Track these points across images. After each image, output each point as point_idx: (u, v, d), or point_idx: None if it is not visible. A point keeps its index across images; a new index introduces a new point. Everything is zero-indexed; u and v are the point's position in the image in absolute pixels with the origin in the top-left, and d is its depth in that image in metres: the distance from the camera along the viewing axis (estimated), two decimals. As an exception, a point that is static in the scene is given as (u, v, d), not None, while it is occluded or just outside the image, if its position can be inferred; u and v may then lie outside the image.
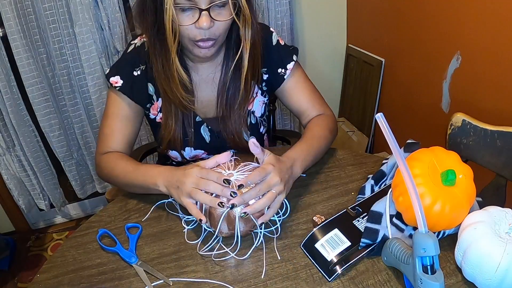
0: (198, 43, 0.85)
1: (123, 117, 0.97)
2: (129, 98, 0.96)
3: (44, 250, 1.97)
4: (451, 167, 0.66)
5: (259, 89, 1.03)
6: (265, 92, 1.06)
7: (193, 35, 0.83)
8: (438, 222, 0.66)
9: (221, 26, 0.84)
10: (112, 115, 0.97)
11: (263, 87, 1.04)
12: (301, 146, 0.89)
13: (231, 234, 0.75)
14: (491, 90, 1.23)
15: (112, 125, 0.97)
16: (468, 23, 1.26)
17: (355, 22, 1.98)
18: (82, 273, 0.74)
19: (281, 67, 1.01)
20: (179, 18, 0.81)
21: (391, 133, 0.57)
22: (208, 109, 1.02)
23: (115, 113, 0.97)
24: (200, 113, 1.01)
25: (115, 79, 0.95)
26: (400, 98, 1.76)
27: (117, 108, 0.97)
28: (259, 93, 1.04)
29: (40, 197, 1.90)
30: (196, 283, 0.70)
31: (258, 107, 1.05)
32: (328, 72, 2.12)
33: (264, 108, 1.07)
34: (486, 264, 0.59)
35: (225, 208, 0.71)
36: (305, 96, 1.04)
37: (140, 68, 0.95)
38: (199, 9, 0.79)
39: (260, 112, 1.06)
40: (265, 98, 1.06)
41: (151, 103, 1.00)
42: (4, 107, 1.62)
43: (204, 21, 0.79)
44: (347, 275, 0.68)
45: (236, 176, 0.76)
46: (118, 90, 0.95)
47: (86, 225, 0.86)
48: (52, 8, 1.54)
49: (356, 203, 0.80)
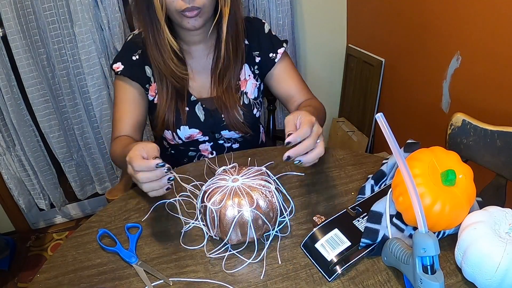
0: (185, 13, 0.90)
1: (130, 101, 1.04)
2: (131, 80, 1.03)
3: (44, 250, 1.97)
4: (451, 167, 0.66)
5: (251, 72, 1.09)
6: (257, 76, 1.11)
7: (179, 5, 0.89)
8: (438, 222, 0.66)
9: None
10: (120, 101, 1.05)
11: (255, 70, 1.10)
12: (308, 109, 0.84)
13: (241, 241, 0.74)
14: (491, 90, 1.23)
15: (121, 110, 1.04)
16: (468, 23, 1.26)
17: (355, 22, 1.98)
18: (82, 273, 0.74)
19: (272, 52, 1.08)
20: None
21: (391, 133, 0.57)
22: (203, 89, 1.08)
23: (122, 98, 1.05)
24: (195, 93, 1.07)
25: (117, 65, 1.03)
26: (400, 98, 1.76)
27: (122, 92, 1.05)
28: (251, 76, 1.10)
29: (40, 197, 1.90)
30: (196, 283, 0.70)
31: (250, 89, 1.10)
32: (328, 72, 2.12)
33: (257, 91, 1.12)
34: (486, 264, 0.59)
35: (284, 158, 0.69)
36: (294, 82, 1.09)
37: (138, 52, 1.03)
38: None
39: (253, 94, 1.11)
40: (258, 81, 1.12)
41: (149, 84, 1.06)
42: (5, 107, 1.62)
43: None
44: (347, 275, 0.68)
45: (241, 181, 0.76)
46: (120, 75, 1.03)
47: (86, 225, 0.86)
48: (52, 8, 1.54)
49: (356, 203, 0.80)
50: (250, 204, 0.72)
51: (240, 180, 0.76)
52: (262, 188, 0.75)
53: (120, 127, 1.03)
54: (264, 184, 0.76)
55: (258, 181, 0.76)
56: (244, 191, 0.73)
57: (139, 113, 1.06)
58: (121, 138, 1.02)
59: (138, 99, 1.05)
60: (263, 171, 0.80)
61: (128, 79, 1.03)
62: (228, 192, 0.74)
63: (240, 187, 0.74)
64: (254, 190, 0.74)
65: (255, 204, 0.72)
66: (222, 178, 0.78)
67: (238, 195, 0.73)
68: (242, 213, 0.71)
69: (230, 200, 0.72)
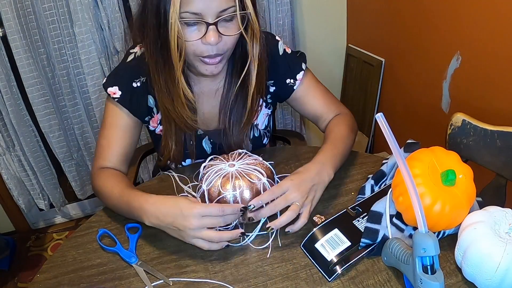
0: (205, 59, 0.80)
1: (121, 128, 0.93)
2: (128, 110, 0.92)
3: (44, 250, 1.96)
4: (451, 167, 0.66)
5: (263, 102, 1.01)
6: (269, 104, 1.03)
7: (200, 51, 0.79)
8: (438, 222, 0.66)
9: (229, 40, 0.79)
10: (109, 126, 0.93)
11: (267, 99, 1.01)
12: (327, 148, 0.87)
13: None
14: (491, 90, 1.23)
15: (109, 136, 0.93)
16: (468, 23, 1.26)
17: (355, 22, 1.98)
18: (82, 273, 0.74)
19: (290, 77, 0.97)
20: (185, 33, 0.76)
21: (391, 133, 0.57)
22: (210, 121, 0.99)
23: (113, 123, 0.93)
24: (202, 126, 0.98)
25: (113, 90, 0.90)
26: (400, 98, 1.76)
27: (115, 118, 0.93)
28: (263, 106, 1.01)
29: (40, 197, 1.90)
30: (196, 283, 0.70)
31: (261, 120, 1.03)
32: (328, 72, 2.12)
33: (268, 119, 1.05)
34: (486, 264, 0.59)
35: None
36: (319, 100, 1.00)
37: (140, 79, 0.91)
38: (206, 23, 0.74)
39: (263, 124, 1.04)
40: (269, 110, 1.04)
41: (150, 116, 0.97)
42: (4, 107, 1.62)
43: (211, 36, 0.75)
44: (347, 275, 0.68)
45: (237, 166, 0.79)
46: (116, 102, 0.90)
47: (86, 225, 0.86)
48: (52, 8, 1.54)
49: (356, 203, 0.80)
50: (247, 185, 0.77)
51: (236, 165, 0.80)
52: (255, 172, 0.78)
53: (107, 155, 0.92)
54: (256, 168, 0.80)
55: (253, 167, 0.80)
56: (240, 174, 0.77)
57: (130, 142, 0.95)
58: (112, 172, 0.91)
59: (130, 128, 0.94)
60: (258, 160, 0.83)
61: (125, 109, 0.91)
62: (224, 175, 0.78)
63: (236, 172, 0.78)
64: (248, 175, 0.78)
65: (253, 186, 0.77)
66: (219, 163, 0.82)
67: (238, 178, 0.77)
68: (243, 190, 0.76)
69: (230, 183, 0.76)
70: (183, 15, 0.74)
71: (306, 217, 0.75)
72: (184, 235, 0.73)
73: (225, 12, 0.74)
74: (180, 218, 0.71)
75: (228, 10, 0.75)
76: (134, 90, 0.91)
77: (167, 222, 0.73)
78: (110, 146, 0.93)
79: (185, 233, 0.72)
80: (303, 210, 0.76)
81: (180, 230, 0.72)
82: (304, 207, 0.76)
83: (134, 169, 1.22)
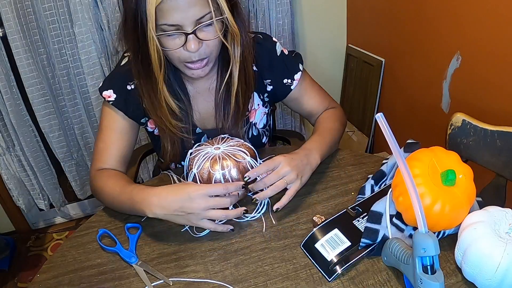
0: (189, 65, 0.82)
1: (118, 131, 0.94)
2: (123, 113, 0.93)
3: (44, 250, 1.96)
4: (451, 167, 0.66)
5: (260, 101, 1.02)
6: (267, 103, 1.05)
7: (183, 57, 0.81)
8: (438, 222, 0.66)
9: (211, 43, 0.81)
10: (106, 129, 0.94)
11: (265, 98, 1.03)
12: (315, 137, 0.93)
13: None
14: (491, 90, 1.23)
15: (107, 139, 0.94)
16: (468, 23, 1.26)
17: (355, 22, 1.98)
18: (82, 273, 0.75)
19: (288, 78, 0.99)
20: (166, 43, 0.78)
21: (391, 133, 0.57)
22: (207, 120, 1.00)
23: (109, 126, 0.94)
24: (200, 125, 0.99)
25: (108, 93, 0.92)
26: (400, 98, 1.76)
27: (111, 121, 0.94)
28: (260, 105, 1.03)
29: (40, 197, 1.90)
30: (196, 283, 0.70)
31: (259, 119, 1.04)
32: (328, 72, 2.12)
33: (266, 118, 1.06)
34: (486, 264, 0.59)
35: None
36: (315, 99, 1.04)
37: (134, 82, 0.91)
38: (185, 33, 0.76)
39: (262, 123, 1.05)
40: (267, 108, 1.06)
41: (148, 117, 0.97)
42: (4, 107, 1.62)
43: (192, 44, 0.77)
44: (347, 275, 0.68)
45: (222, 148, 0.86)
46: (111, 105, 0.92)
47: (86, 225, 0.86)
48: (52, 8, 1.54)
49: (356, 203, 0.80)
50: (234, 164, 0.82)
51: (221, 148, 0.86)
52: (239, 152, 0.84)
53: (105, 158, 0.93)
54: (240, 149, 0.86)
55: (237, 148, 0.86)
56: (226, 155, 0.83)
57: (127, 144, 0.96)
58: (111, 172, 0.92)
59: (127, 131, 0.95)
60: (241, 142, 0.89)
61: (121, 111, 0.92)
62: (212, 157, 0.83)
63: (223, 153, 0.84)
64: (234, 155, 0.84)
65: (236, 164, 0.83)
66: (205, 147, 0.87)
67: (225, 159, 0.83)
68: (230, 169, 0.82)
69: (218, 165, 0.82)
70: (162, 27, 0.75)
71: (292, 194, 0.80)
72: (192, 218, 0.75)
73: (202, 19, 0.76)
74: (188, 202, 0.74)
75: (205, 17, 0.76)
76: (128, 93, 0.92)
77: (174, 209, 0.75)
78: (108, 149, 0.94)
79: (193, 215, 0.75)
80: (291, 186, 0.80)
81: (188, 213, 0.75)
82: (293, 183, 0.80)
83: (134, 169, 1.22)
